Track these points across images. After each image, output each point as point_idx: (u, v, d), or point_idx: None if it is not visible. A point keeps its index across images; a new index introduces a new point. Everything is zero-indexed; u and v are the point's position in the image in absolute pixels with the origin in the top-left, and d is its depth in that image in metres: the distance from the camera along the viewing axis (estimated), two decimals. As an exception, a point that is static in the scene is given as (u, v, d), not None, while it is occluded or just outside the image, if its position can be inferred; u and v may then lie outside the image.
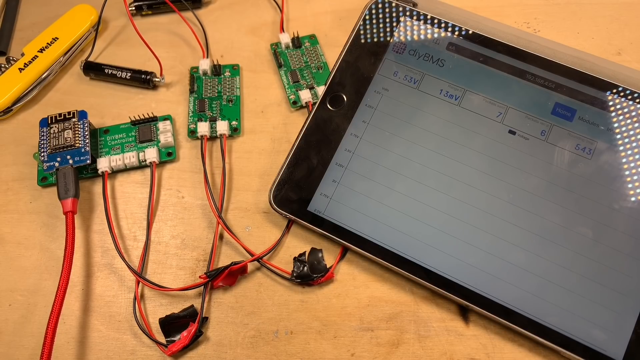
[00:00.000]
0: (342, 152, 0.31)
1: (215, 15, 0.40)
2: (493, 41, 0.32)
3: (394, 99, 0.32)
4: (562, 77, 0.31)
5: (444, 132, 0.31)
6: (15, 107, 0.36)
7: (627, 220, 0.28)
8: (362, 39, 0.33)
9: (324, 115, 0.33)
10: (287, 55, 0.38)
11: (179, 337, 0.29)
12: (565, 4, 0.39)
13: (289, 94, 0.36)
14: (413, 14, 0.33)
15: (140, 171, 0.34)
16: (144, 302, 0.30)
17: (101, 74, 0.37)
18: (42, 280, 0.31)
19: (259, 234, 0.32)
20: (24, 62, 0.37)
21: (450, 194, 0.30)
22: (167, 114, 0.36)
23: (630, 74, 0.31)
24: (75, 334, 0.30)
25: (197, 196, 0.33)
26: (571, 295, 0.27)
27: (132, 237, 0.32)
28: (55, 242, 0.32)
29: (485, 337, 0.29)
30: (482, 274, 0.28)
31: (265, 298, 0.30)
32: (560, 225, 0.28)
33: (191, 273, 0.31)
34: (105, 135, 0.35)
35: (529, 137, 0.30)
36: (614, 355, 0.26)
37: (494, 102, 0.31)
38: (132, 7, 0.40)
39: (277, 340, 0.29)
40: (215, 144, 0.35)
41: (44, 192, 0.34)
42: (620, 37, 0.38)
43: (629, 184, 0.29)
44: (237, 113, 0.36)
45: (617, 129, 0.30)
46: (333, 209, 0.30)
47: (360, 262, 0.31)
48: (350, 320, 0.29)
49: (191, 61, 0.38)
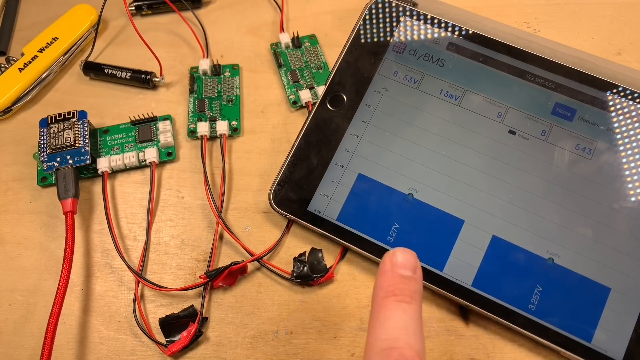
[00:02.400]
0: (342, 152, 0.31)
1: (215, 15, 0.40)
2: (493, 41, 0.32)
3: (394, 98, 0.32)
4: (562, 77, 0.31)
5: (444, 132, 0.31)
6: (15, 107, 0.36)
7: (627, 220, 0.28)
8: (362, 39, 0.33)
9: (324, 115, 0.33)
10: (287, 55, 0.38)
11: (178, 337, 0.29)
12: (565, 4, 0.39)
13: (289, 94, 0.36)
14: (413, 14, 0.33)
15: (140, 171, 0.34)
16: (143, 302, 0.30)
17: (101, 73, 0.37)
18: (42, 280, 0.31)
19: (259, 234, 0.32)
20: (23, 62, 0.37)
21: (450, 194, 0.30)
22: (167, 114, 0.36)
23: (630, 74, 0.31)
24: (75, 334, 0.30)
25: (197, 196, 0.33)
26: (571, 295, 0.27)
27: (132, 237, 0.32)
28: (55, 242, 0.32)
29: (485, 337, 0.29)
30: (482, 273, 0.28)
31: (265, 298, 0.30)
32: (560, 225, 0.28)
33: (191, 273, 0.31)
34: (105, 135, 0.35)
35: (529, 137, 0.30)
36: (614, 355, 0.26)
37: (494, 102, 0.31)
38: (132, 7, 0.40)
39: (277, 340, 0.29)
40: (215, 144, 0.35)
41: (44, 192, 0.34)
42: (620, 37, 0.38)
43: (629, 184, 0.29)
44: (237, 113, 0.36)
45: (617, 129, 0.30)
46: (333, 209, 0.30)
47: (360, 262, 0.31)
48: (350, 320, 0.29)
49: (191, 61, 0.38)
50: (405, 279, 0.21)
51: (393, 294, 0.21)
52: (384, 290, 0.21)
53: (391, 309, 0.21)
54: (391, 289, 0.21)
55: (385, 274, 0.22)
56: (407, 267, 0.22)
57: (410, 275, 0.22)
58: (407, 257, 0.22)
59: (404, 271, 0.22)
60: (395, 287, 0.21)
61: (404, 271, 0.22)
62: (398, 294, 0.21)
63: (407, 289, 0.21)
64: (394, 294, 0.21)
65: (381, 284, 0.21)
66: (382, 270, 0.22)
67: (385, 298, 0.21)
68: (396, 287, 0.21)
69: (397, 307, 0.20)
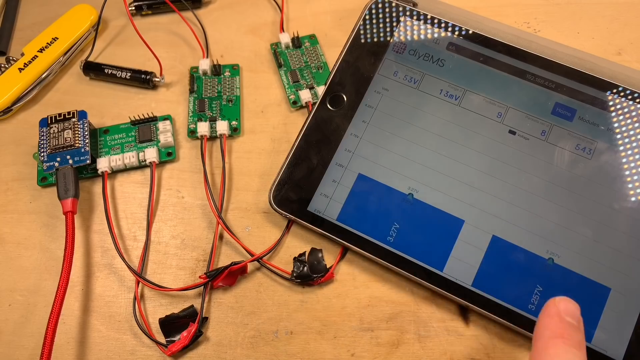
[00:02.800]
0: (342, 152, 0.31)
1: (215, 15, 0.40)
2: (493, 41, 0.32)
3: (394, 99, 0.32)
4: (562, 77, 0.31)
5: (444, 132, 0.31)
6: (15, 107, 0.36)
7: (627, 220, 0.28)
8: (362, 38, 0.33)
9: (324, 115, 0.33)
10: (287, 55, 0.38)
11: (178, 337, 0.29)
12: (565, 4, 0.39)
13: (289, 94, 0.36)
14: (413, 14, 0.33)
15: (140, 171, 0.34)
16: (143, 302, 0.30)
17: (101, 74, 0.37)
18: (42, 280, 0.31)
19: (259, 234, 0.32)
20: (23, 62, 0.37)
21: (450, 194, 0.30)
22: (167, 114, 0.36)
23: (630, 74, 0.31)
24: (75, 334, 0.30)
25: (197, 196, 0.33)
26: (571, 295, 0.27)
27: (132, 237, 0.32)
28: (55, 242, 0.32)
29: (485, 337, 0.29)
30: (482, 273, 0.28)
31: (265, 298, 0.30)
32: (560, 225, 0.28)
33: (191, 273, 0.31)
34: (105, 135, 0.35)
35: (529, 137, 0.30)
36: (614, 355, 0.26)
37: (494, 102, 0.31)
38: (132, 7, 0.40)
39: (277, 340, 0.29)
40: (215, 144, 0.35)
41: (44, 192, 0.34)
42: (620, 37, 0.38)
43: (629, 184, 0.29)
44: (237, 113, 0.36)
45: (617, 129, 0.30)
46: (333, 209, 0.30)
47: (360, 262, 0.31)
48: (350, 320, 0.29)
49: (191, 61, 0.38)
50: (573, 326, 0.22)
51: (562, 336, 0.21)
52: (551, 330, 0.22)
53: (561, 350, 0.21)
54: (560, 331, 0.21)
55: (552, 317, 0.22)
56: (574, 316, 0.22)
57: (576, 325, 0.22)
58: (573, 307, 0.23)
59: (571, 319, 0.22)
60: (564, 331, 0.21)
61: (570, 319, 0.22)
62: (567, 337, 0.21)
63: (576, 336, 0.22)
64: (563, 336, 0.21)
65: (547, 324, 0.22)
66: (547, 313, 0.22)
67: (554, 338, 0.21)
68: (565, 331, 0.22)
69: (567, 350, 0.21)
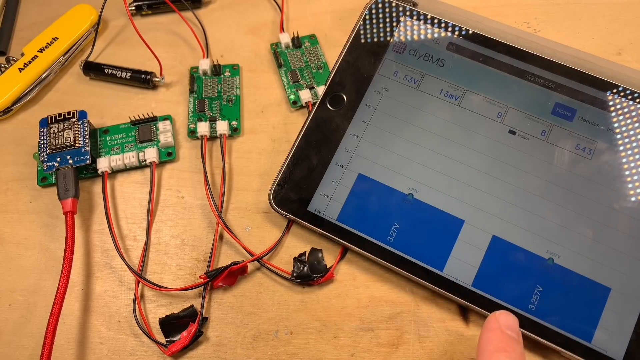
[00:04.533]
0: (342, 152, 0.31)
1: (215, 15, 0.40)
2: (493, 41, 0.32)
3: (394, 98, 0.32)
4: (562, 77, 0.31)
5: (444, 132, 0.31)
6: (15, 107, 0.36)
7: (627, 220, 0.28)
8: (362, 38, 0.33)
9: (324, 115, 0.33)
10: (287, 55, 0.38)
11: (178, 337, 0.29)
12: (565, 4, 0.39)
13: (289, 94, 0.36)
14: (413, 14, 0.33)
15: (140, 171, 0.34)
16: (144, 302, 0.30)
17: (101, 74, 0.37)
18: (42, 280, 0.31)
19: (259, 234, 0.32)
20: (23, 62, 0.37)
21: (450, 193, 0.30)
22: (167, 114, 0.36)
23: (630, 74, 0.31)
24: (75, 334, 0.30)
25: (197, 196, 0.33)
26: (571, 295, 0.27)
27: (132, 237, 0.32)
28: (55, 242, 0.32)
29: (485, 337, 0.29)
30: (482, 273, 0.28)
31: (265, 298, 0.30)
32: (560, 225, 0.28)
33: (191, 273, 0.31)
34: (105, 135, 0.35)
35: (529, 137, 0.30)
36: (614, 355, 0.26)
37: (494, 102, 0.31)
38: (132, 7, 0.40)
39: (277, 340, 0.29)
40: (215, 144, 0.35)
41: (44, 192, 0.34)
42: (620, 37, 0.38)
43: (629, 184, 0.29)
44: (237, 113, 0.36)
45: (617, 129, 0.30)
46: (333, 209, 0.30)
47: (360, 262, 0.31)
48: (350, 320, 0.29)
49: (191, 61, 0.38)
50: (514, 340, 0.23)
51: (504, 350, 0.22)
52: (494, 345, 0.23)
53: None
54: (502, 345, 0.23)
55: (494, 331, 0.23)
56: (513, 329, 0.23)
57: (517, 338, 0.23)
58: (512, 321, 0.24)
59: (511, 332, 0.23)
60: (507, 345, 0.23)
61: (510, 332, 0.23)
62: (510, 351, 0.22)
63: (517, 348, 0.23)
64: (505, 350, 0.22)
65: (490, 339, 0.23)
66: (489, 327, 0.23)
67: (497, 352, 0.22)
68: (507, 344, 0.23)
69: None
